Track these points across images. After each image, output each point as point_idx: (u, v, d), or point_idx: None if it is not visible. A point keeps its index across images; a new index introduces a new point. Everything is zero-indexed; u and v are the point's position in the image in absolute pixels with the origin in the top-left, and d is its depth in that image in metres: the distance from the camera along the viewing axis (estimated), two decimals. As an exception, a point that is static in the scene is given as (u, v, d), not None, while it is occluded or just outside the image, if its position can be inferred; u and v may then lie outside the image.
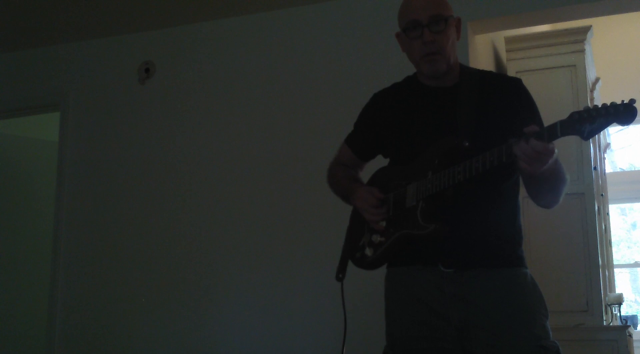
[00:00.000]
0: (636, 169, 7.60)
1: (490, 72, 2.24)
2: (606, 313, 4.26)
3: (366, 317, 2.80)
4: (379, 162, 2.17)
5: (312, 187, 3.59)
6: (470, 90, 1.98)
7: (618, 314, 4.42)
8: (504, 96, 1.98)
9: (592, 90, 4.63)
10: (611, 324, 4.28)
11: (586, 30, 4.31)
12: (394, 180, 1.99)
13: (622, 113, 1.55)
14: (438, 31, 1.94)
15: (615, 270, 5.64)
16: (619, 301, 4.44)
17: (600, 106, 1.58)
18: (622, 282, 7.43)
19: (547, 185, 1.85)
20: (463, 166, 1.79)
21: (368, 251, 2.00)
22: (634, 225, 7.94)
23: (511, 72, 4.35)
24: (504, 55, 4.47)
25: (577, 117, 1.59)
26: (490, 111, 1.93)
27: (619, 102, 1.56)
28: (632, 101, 1.55)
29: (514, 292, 1.88)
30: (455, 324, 1.86)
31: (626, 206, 7.86)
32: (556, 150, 1.70)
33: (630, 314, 5.98)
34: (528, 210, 2.61)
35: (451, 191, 1.85)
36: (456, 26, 2.01)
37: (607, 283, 4.63)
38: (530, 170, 1.70)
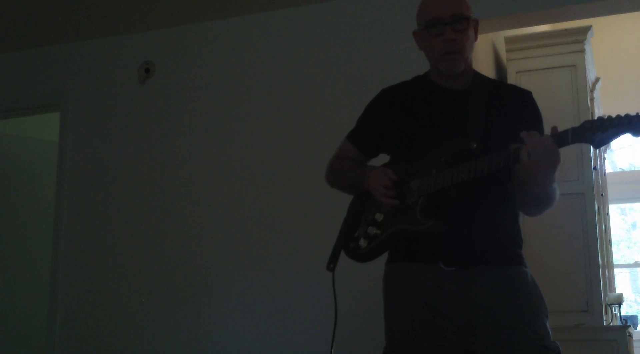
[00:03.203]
0: (636, 169, 7.60)
1: (501, 82, 2.28)
2: (606, 313, 4.26)
3: (365, 316, 2.80)
4: (380, 160, 2.16)
5: (311, 187, 3.59)
6: (481, 95, 1.98)
7: (618, 314, 4.42)
8: (513, 107, 1.99)
9: (592, 90, 4.63)
10: (611, 324, 4.28)
11: (586, 30, 4.31)
12: (398, 176, 1.98)
13: (635, 125, 1.56)
14: (460, 30, 1.95)
15: (615, 270, 5.64)
16: (619, 301, 4.44)
17: (614, 117, 1.59)
18: (622, 282, 7.43)
19: (536, 201, 1.86)
20: (468, 166, 1.79)
21: (362, 243, 1.99)
22: (634, 225, 7.94)
23: (511, 72, 4.35)
24: (504, 55, 4.47)
25: (589, 126, 1.61)
26: (499, 119, 1.94)
27: (626, 111, 1.60)
28: None
29: (516, 291, 1.89)
30: (457, 323, 1.86)
31: (626, 206, 7.86)
32: (557, 190, 1.75)
33: (630, 314, 5.98)
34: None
35: (454, 191, 1.85)
36: (474, 27, 2.02)
37: (607, 283, 4.63)
38: (534, 169, 1.69)
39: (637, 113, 1.57)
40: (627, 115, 1.57)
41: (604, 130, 1.59)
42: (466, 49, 1.97)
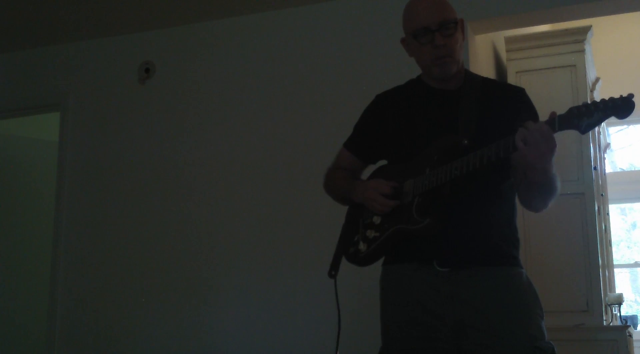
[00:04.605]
0: (636, 169, 7.59)
1: (494, 80, 2.27)
2: (606, 313, 4.26)
3: (363, 317, 2.80)
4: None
5: (311, 187, 3.58)
6: (472, 93, 1.99)
7: (618, 314, 4.41)
8: (506, 103, 1.99)
9: (592, 90, 4.63)
10: (611, 324, 4.28)
11: (586, 30, 4.30)
12: (392, 178, 1.99)
13: (620, 107, 1.59)
14: (448, 35, 1.96)
15: (615, 270, 5.64)
16: (619, 301, 4.44)
17: (598, 101, 1.61)
18: (622, 282, 7.42)
19: (539, 190, 1.85)
20: (460, 161, 1.80)
21: (362, 246, 2.00)
22: (634, 225, 7.93)
23: (511, 72, 4.35)
24: (504, 55, 4.47)
25: (575, 112, 1.63)
26: (491, 116, 1.94)
27: (615, 96, 1.60)
28: (631, 95, 1.60)
29: (509, 292, 1.89)
30: (451, 324, 1.86)
31: (626, 206, 7.86)
32: (558, 179, 1.76)
33: (630, 314, 5.97)
34: (528, 210, 2.62)
35: (448, 188, 1.85)
36: (461, 27, 2.02)
37: (607, 283, 4.63)
38: (531, 158, 1.68)
39: (621, 96, 1.60)
40: (611, 98, 1.60)
41: (590, 115, 1.61)
42: (456, 51, 1.99)
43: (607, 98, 1.61)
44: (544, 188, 1.84)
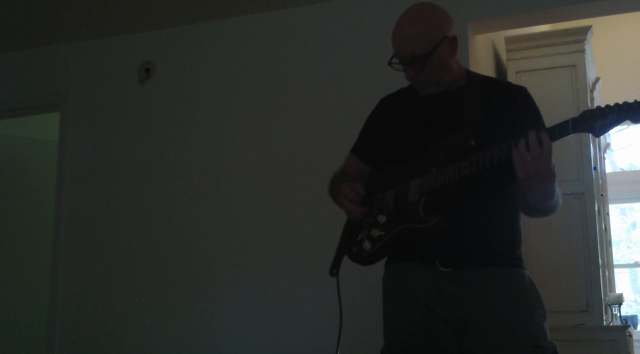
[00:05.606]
0: (636, 169, 7.60)
1: (495, 79, 2.27)
2: (606, 313, 4.26)
3: (364, 317, 2.80)
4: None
5: (311, 187, 3.59)
6: (476, 93, 1.99)
7: (618, 314, 4.42)
8: (509, 103, 1.98)
9: (592, 90, 4.63)
10: (611, 324, 4.28)
11: (586, 30, 4.30)
12: (397, 177, 1.99)
13: (635, 111, 1.60)
14: (420, 67, 1.95)
15: (615, 270, 5.64)
16: (619, 301, 4.44)
17: (612, 105, 1.63)
18: (622, 282, 7.43)
19: (538, 210, 1.87)
20: (469, 161, 1.80)
21: (366, 245, 2.00)
22: (634, 225, 7.94)
23: (511, 72, 4.35)
24: (504, 55, 4.47)
25: (589, 115, 1.65)
26: (495, 115, 1.94)
27: (629, 101, 1.61)
28: None
29: (511, 292, 1.89)
30: (453, 323, 1.87)
31: (626, 206, 7.87)
32: (560, 198, 1.80)
33: (630, 314, 5.98)
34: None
35: (455, 188, 1.85)
36: (450, 44, 1.97)
37: (607, 283, 4.63)
38: (523, 176, 1.70)
39: (636, 100, 1.60)
40: (625, 103, 1.61)
41: (604, 117, 1.63)
42: (432, 78, 1.97)
43: (621, 102, 1.62)
44: (540, 211, 1.88)
